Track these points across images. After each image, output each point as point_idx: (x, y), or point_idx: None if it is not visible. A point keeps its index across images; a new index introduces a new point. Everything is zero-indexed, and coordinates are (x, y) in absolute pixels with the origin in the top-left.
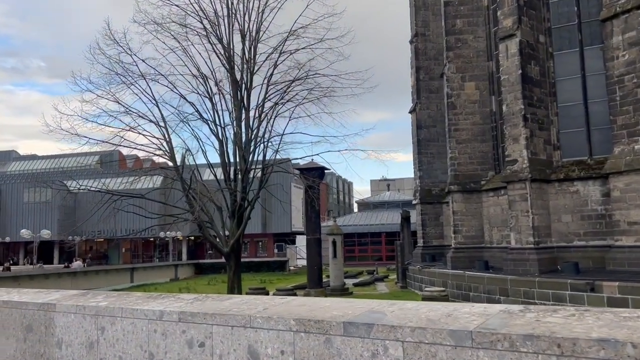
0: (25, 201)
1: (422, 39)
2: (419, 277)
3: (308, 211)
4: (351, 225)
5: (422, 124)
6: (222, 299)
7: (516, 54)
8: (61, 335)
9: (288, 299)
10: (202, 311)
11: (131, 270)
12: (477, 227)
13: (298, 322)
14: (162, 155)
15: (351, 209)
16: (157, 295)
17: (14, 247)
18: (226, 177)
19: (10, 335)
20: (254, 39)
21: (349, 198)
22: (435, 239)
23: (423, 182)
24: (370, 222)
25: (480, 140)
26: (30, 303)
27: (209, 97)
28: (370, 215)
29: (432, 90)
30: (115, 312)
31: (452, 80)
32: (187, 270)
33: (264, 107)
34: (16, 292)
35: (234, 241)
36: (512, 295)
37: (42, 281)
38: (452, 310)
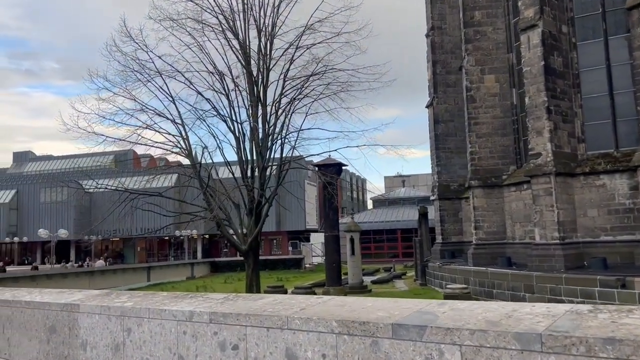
0: (42, 201)
1: (439, 32)
2: (439, 274)
3: (326, 208)
4: (366, 222)
5: (439, 119)
6: (254, 299)
7: (538, 44)
8: (85, 336)
9: (325, 298)
10: (234, 312)
11: (148, 269)
12: (499, 223)
13: (340, 324)
14: (179, 153)
15: (365, 206)
16: (184, 295)
17: (32, 246)
18: (243, 174)
19: (33, 336)
20: (269, 34)
21: (362, 195)
22: (454, 235)
23: (441, 177)
24: (386, 219)
25: (500, 134)
26: (53, 304)
27: (225, 94)
28: (386, 212)
29: (449, 84)
30: (141, 312)
31: (471, 73)
32: (203, 269)
33: (280, 102)
34: (38, 292)
35: (252, 239)
36: (537, 292)
37: (60, 281)
38: (511, 310)
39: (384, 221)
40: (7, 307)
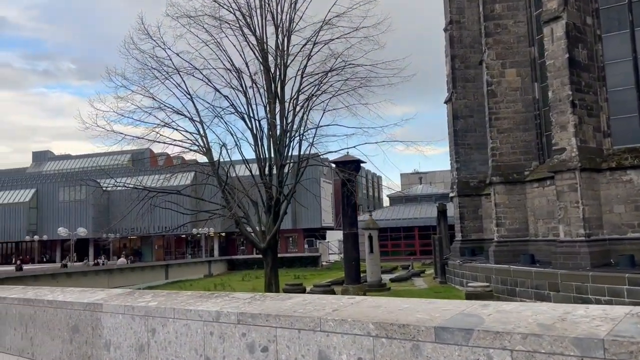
0: (61, 200)
1: (457, 27)
2: (460, 272)
3: (344, 205)
4: (383, 219)
5: (458, 114)
6: (282, 299)
7: (562, 37)
8: (109, 336)
9: (357, 299)
10: (263, 312)
11: (166, 267)
12: (521, 220)
13: (378, 326)
14: (197, 150)
15: (381, 204)
16: (210, 295)
17: (51, 245)
18: (261, 172)
19: (55, 336)
20: (287, 29)
21: (378, 192)
22: (474, 232)
23: (460, 174)
24: (403, 217)
25: (522, 129)
26: (75, 303)
27: (242, 91)
28: (403, 209)
29: (468, 79)
30: (166, 312)
31: (492, 67)
32: (220, 267)
33: (298, 99)
34: (60, 291)
35: (271, 237)
36: (562, 291)
37: (80, 279)
38: (564, 312)
39: (401, 218)
40: (30, 306)
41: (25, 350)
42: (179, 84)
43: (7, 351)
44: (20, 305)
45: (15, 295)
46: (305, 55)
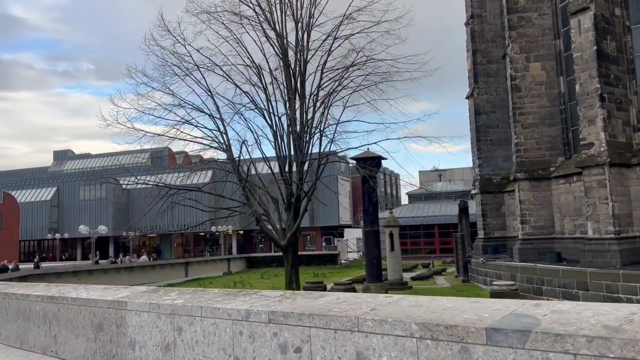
0: (82, 198)
1: (479, 21)
2: (483, 270)
3: (365, 203)
4: (402, 217)
5: (480, 110)
6: (314, 297)
7: (590, 28)
8: (134, 335)
9: (395, 297)
10: (296, 311)
11: (185, 264)
12: (547, 217)
13: (422, 327)
14: (218, 148)
15: (398, 201)
16: (237, 292)
17: (72, 243)
18: (281, 169)
19: (79, 334)
20: (307, 25)
21: (396, 190)
22: (496, 230)
23: (483, 170)
24: (423, 214)
25: (548, 124)
26: (100, 300)
27: (262, 87)
28: (422, 206)
29: (490, 74)
30: (193, 311)
31: (516, 61)
32: (239, 264)
33: (318, 95)
34: (84, 289)
35: (291, 234)
36: (592, 290)
37: (101, 276)
38: (629, 313)
39: (421, 216)
40: (53, 304)
41: (49, 348)
42: (199, 81)
43: (31, 349)
44: (44, 303)
45: (38, 292)
46: (326, 51)
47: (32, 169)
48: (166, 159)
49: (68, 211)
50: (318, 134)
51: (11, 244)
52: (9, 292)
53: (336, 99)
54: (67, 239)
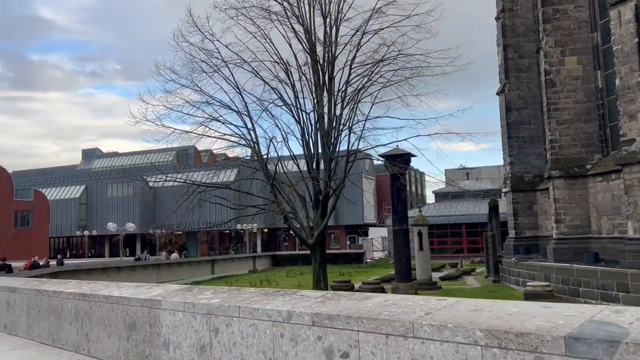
0: (109, 196)
1: (510, 15)
2: (515, 270)
3: (394, 201)
4: (429, 216)
5: (511, 106)
6: (360, 299)
7: (631, 20)
8: (168, 335)
9: (450, 301)
10: (342, 314)
11: (212, 262)
12: (582, 216)
13: (488, 334)
14: (245, 144)
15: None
16: (275, 292)
17: (100, 240)
18: (309, 166)
19: (112, 332)
20: (335, 19)
21: (421, 189)
22: (528, 229)
23: (514, 168)
24: (450, 213)
25: (584, 120)
26: (132, 299)
27: (290, 83)
28: (449, 205)
29: (521, 70)
30: (230, 311)
31: (551, 55)
32: (264, 262)
33: (346, 91)
34: (115, 286)
35: (319, 232)
36: (633, 292)
37: (129, 273)
38: None
39: (448, 215)
40: (85, 301)
41: (81, 347)
42: (227, 77)
43: (63, 346)
44: (75, 300)
45: (70, 289)
46: (354, 45)
47: (61, 168)
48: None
49: (96, 209)
50: (346, 131)
51: (41, 240)
52: (41, 289)
53: (364, 95)
54: (95, 236)
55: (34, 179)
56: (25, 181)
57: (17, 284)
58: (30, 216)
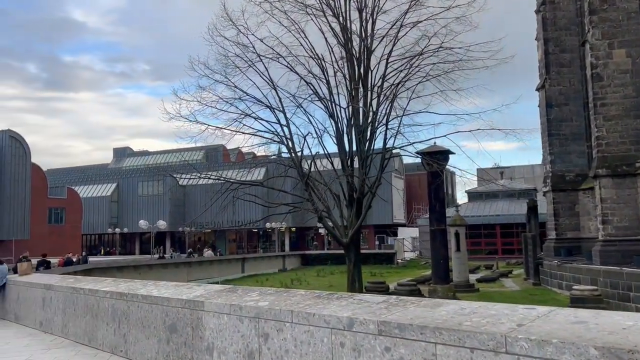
0: (140, 194)
1: (551, 7)
2: (558, 273)
3: (431, 200)
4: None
5: (552, 102)
6: (430, 305)
7: None
8: (212, 339)
9: (541, 310)
10: (415, 323)
11: (242, 260)
12: (631, 217)
13: (606, 353)
14: (279, 141)
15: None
16: (329, 295)
17: (130, 237)
18: (345, 164)
19: (151, 334)
20: (371, 12)
21: (451, 189)
22: (569, 230)
23: (555, 167)
24: (483, 213)
25: (633, 116)
26: (173, 299)
27: (325, 79)
28: (482, 205)
29: (563, 64)
30: (282, 315)
31: (597, 48)
32: (293, 261)
33: (383, 86)
34: (153, 286)
35: (354, 232)
36: None
37: (161, 271)
38: None
39: (482, 215)
40: (123, 301)
41: (119, 348)
42: (261, 72)
43: (99, 347)
44: (112, 299)
45: (107, 288)
46: (391, 39)
47: (94, 166)
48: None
49: (127, 206)
50: (382, 127)
51: (74, 237)
52: (77, 287)
53: (401, 90)
54: (125, 234)
55: (67, 177)
56: (59, 179)
57: (52, 281)
58: (64, 213)
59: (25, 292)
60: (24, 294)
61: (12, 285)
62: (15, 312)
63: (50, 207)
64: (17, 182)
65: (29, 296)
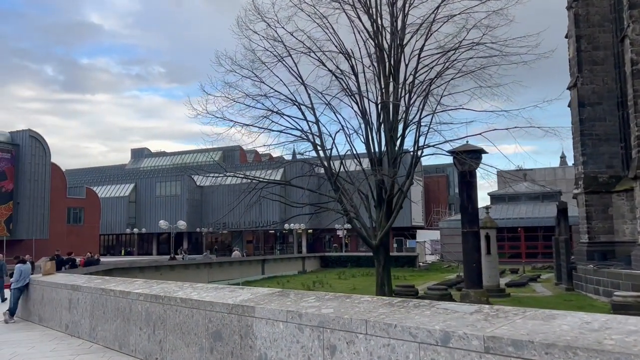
0: (158, 194)
1: (583, 3)
2: (594, 278)
3: (464, 201)
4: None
5: (585, 101)
6: (542, 318)
7: None
8: (264, 349)
9: None
10: (535, 339)
11: (262, 262)
12: None
13: None
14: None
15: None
16: (402, 302)
17: (147, 237)
18: (374, 162)
19: (191, 342)
20: (402, 6)
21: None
22: (603, 234)
23: (587, 168)
24: (506, 216)
25: None
26: (217, 304)
27: (354, 74)
28: (505, 208)
29: (596, 62)
30: (353, 325)
31: (638, 43)
32: (313, 263)
33: (414, 82)
34: (191, 288)
35: (383, 233)
36: None
37: (182, 271)
38: None
39: (504, 218)
40: (159, 304)
41: (153, 355)
42: (290, 67)
43: (132, 353)
44: (147, 302)
45: (140, 290)
46: (424, 33)
47: (111, 167)
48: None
49: (144, 207)
50: (413, 125)
51: (92, 237)
52: (107, 288)
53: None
54: (143, 234)
55: (84, 177)
56: (77, 179)
57: (79, 281)
58: (82, 213)
59: (50, 293)
60: (48, 294)
61: (35, 285)
62: (40, 314)
63: (69, 206)
64: (37, 181)
65: (54, 297)
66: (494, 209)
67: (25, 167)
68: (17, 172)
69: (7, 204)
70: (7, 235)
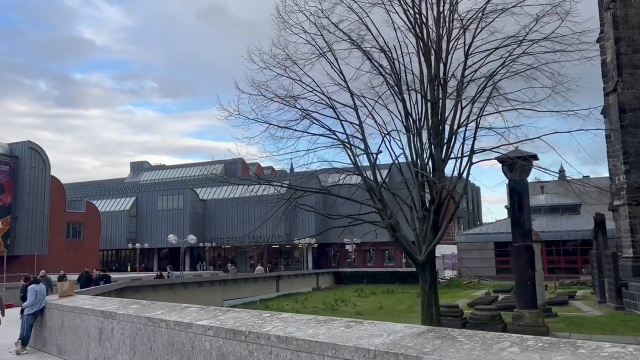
0: (159, 208)
1: (622, 4)
2: None
3: (515, 212)
4: (502, 232)
5: (625, 107)
6: None
7: None
8: None
9: None
10: None
11: (277, 278)
12: None
13: None
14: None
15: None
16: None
17: (148, 253)
18: (421, 167)
19: None
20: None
21: (477, 205)
22: None
23: (630, 177)
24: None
25: None
26: (343, 347)
27: (395, 73)
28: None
29: (637, 66)
30: None
31: None
32: (327, 279)
33: (462, 82)
34: (279, 320)
35: (431, 249)
36: None
37: (196, 289)
38: None
39: None
40: (238, 342)
41: None
42: (332, 63)
43: None
44: (219, 339)
45: (204, 322)
46: (475, 27)
47: (110, 180)
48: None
49: (145, 221)
50: (462, 129)
51: (92, 252)
52: (155, 318)
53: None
54: (143, 249)
55: (83, 191)
56: (76, 193)
57: (111, 306)
58: (82, 228)
59: (73, 320)
60: (70, 321)
61: (53, 309)
62: (59, 344)
63: (69, 221)
64: (37, 195)
65: (79, 324)
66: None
67: (25, 180)
68: (16, 185)
69: (5, 218)
70: (5, 251)
